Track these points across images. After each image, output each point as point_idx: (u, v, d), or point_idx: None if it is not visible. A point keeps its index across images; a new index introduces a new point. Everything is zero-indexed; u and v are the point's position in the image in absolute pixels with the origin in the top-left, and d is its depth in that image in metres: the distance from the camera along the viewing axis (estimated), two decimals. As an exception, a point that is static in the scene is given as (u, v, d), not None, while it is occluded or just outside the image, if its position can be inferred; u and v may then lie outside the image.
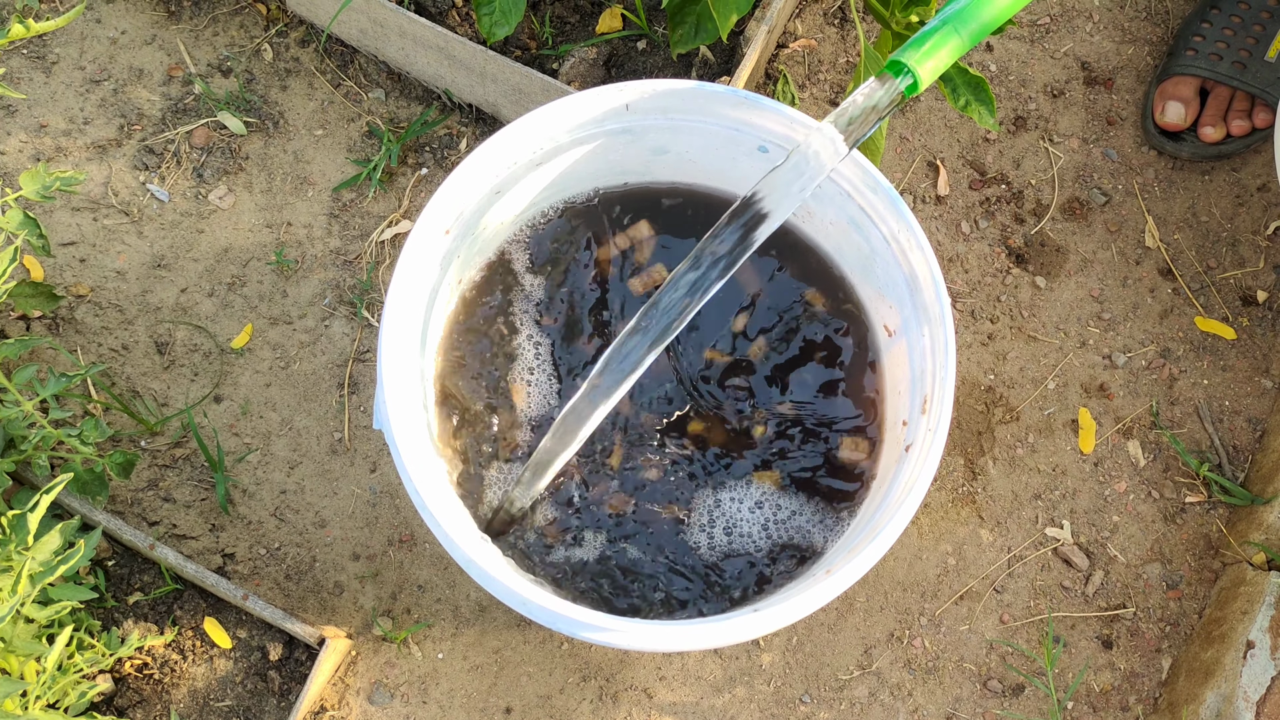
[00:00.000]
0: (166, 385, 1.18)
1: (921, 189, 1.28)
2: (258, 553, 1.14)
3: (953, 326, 0.90)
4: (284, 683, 1.07)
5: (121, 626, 1.06)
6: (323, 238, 1.23)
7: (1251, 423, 1.22)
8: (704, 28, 1.12)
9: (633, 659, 1.12)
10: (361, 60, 1.28)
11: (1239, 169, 1.31)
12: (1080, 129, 1.32)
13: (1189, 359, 1.24)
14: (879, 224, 0.95)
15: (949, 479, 1.19)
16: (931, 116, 1.31)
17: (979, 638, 1.15)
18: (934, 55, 0.80)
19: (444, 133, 1.27)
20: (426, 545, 1.15)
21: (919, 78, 0.80)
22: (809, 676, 1.13)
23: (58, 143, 1.25)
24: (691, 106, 0.97)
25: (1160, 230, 1.28)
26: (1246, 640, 1.08)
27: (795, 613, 0.83)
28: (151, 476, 1.15)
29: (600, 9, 1.25)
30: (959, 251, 1.26)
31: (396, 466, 0.86)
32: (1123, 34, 1.35)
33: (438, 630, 1.13)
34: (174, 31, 1.29)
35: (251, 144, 1.26)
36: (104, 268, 1.21)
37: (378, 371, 0.88)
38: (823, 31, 1.32)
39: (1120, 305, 1.26)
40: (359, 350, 1.20)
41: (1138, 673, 1.15)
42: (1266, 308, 1.26)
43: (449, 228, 0.94)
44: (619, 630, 0.81)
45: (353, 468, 1.17)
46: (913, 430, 0.92)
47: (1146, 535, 1.19)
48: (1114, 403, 1.22)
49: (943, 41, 0.80)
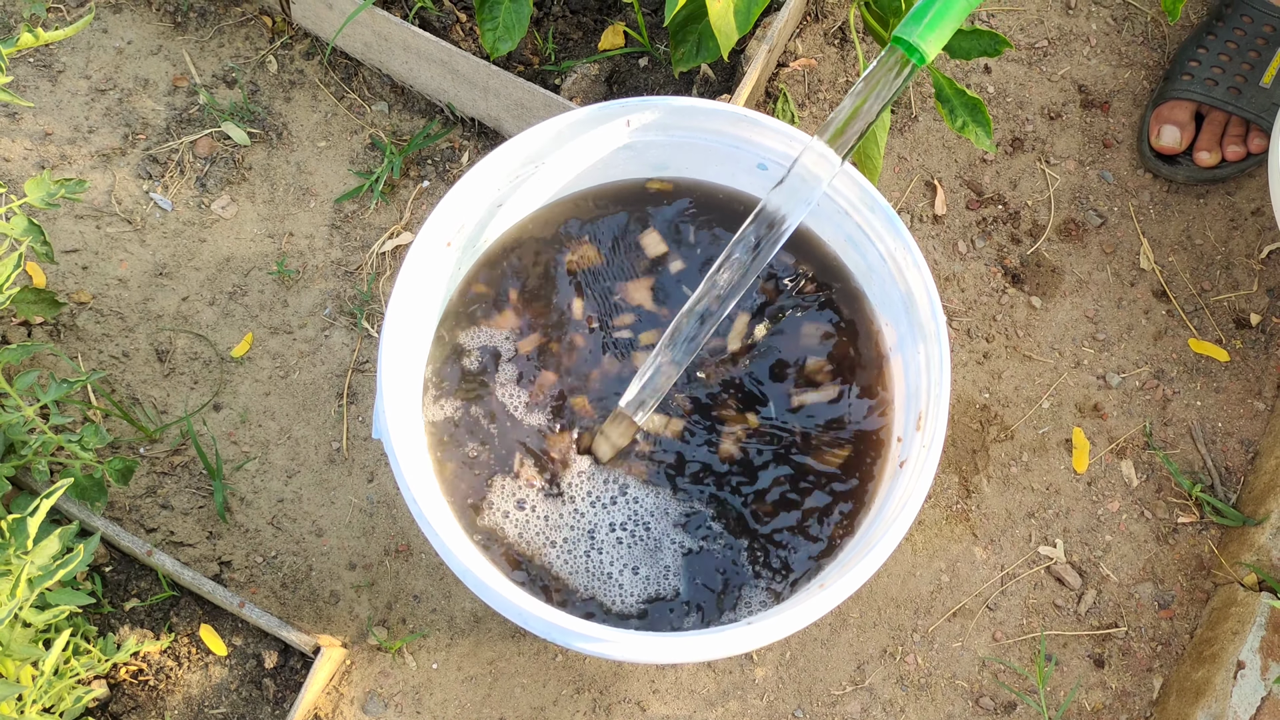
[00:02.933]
0: (166, 393, 1.19)
1: (919, 208, 1.29)
2: (254, 561, 1.14)
3: (948, 344, 0.91)
4: (279, 691, 1.07)
5: (118, 632, 1.07)
6: (324, 248, 1.24)
7: (1244, 444, 1.23)
8: (706, 46, 1.13)
9: (626, 671, 1.12)
10: (365, 73, 1.30)
11: (1234, 193, 1.32)
12: (1077, 151, 1.33)
13: (1182, 380, 1.25)
14: (876, 242, 0.96)
15: (943, 496, 1.19)
16: (929, 137, 1.32)
17: (971, 655, 1.15)
18: (938, 26, 0.77)
19: (446, 146, 1.28)
20: (422, 555, 1.15)
21: (924, 52, 0.78)
22: (802, 691, 1.13)
23: (62, 151, 1.25)
24: (692, 123, 0.98)
25: (1155, 252, 1.29)
26: (1237, 660, 1.09)
27: (788, 626, 0.84)
28: (150, 483, 1.16)
29: (603, 26, 1.27)
30: (955, 271, 1.27)
31: (395, 475, 0.87)
32: (1120, 58, 1.37)
33: (432, 640, 1.13)
34: (179, 42, 1.30)
35: (255, 154, 1.27)
36: (106, 275, 1.22)
37: (377, 380, 0.88)
38: (823, 51, 1.34)
39: (1115, 326, 1.27)
40: (358, 361, 1.21)
41: (1129, 692, 1.15)
42: (1260, 330, 1.27)
43: (450, 240, 0.95)
44: (612, 641, 0.82)
45: (350, 477, 1.17)
46: (907, 446, 0.93)
47: (1139, 555, 1.19)
48: (1108, 423, 1.23)
49: (945, 10, 0.78)
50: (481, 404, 0.98)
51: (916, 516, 1.09)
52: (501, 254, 1.03)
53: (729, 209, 1.03)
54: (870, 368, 1.00)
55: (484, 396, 0.99)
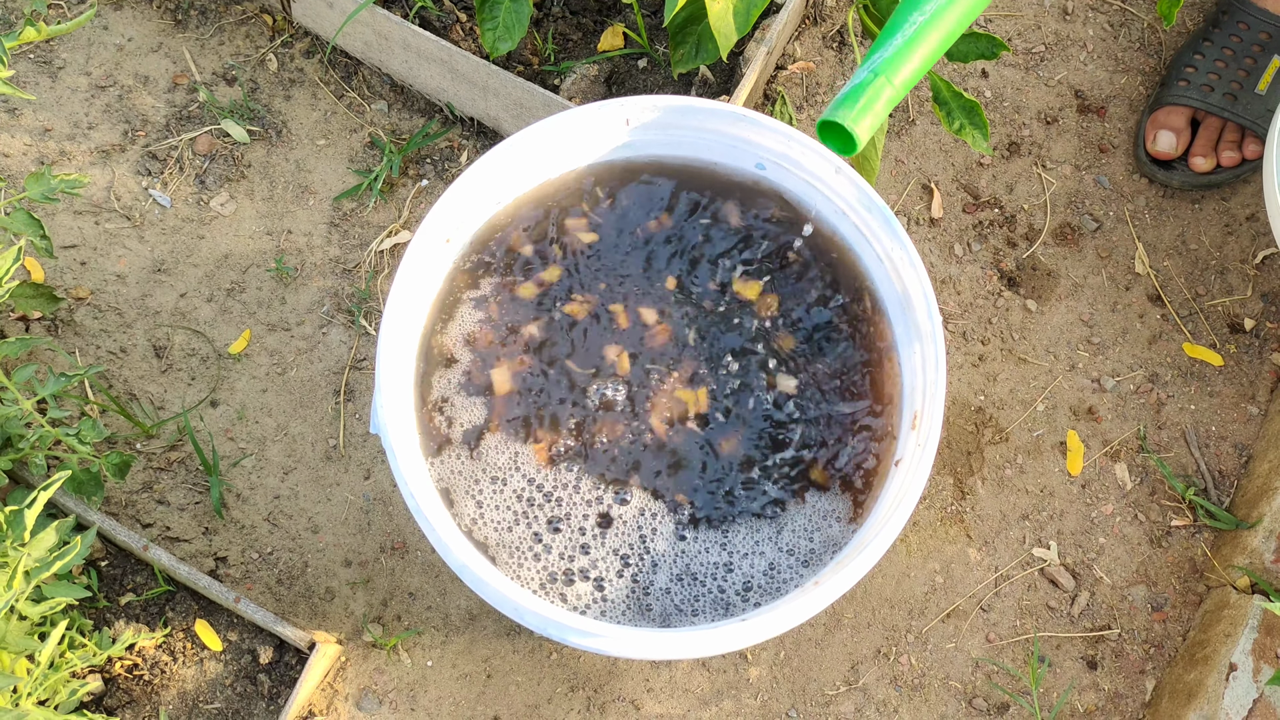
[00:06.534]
0: (163, 389, 1.19)
1: (915, 211, 1.30)
2: (250, 557, 1.15)
3: (944, 344, 0.91)
4: (273, 686, 1.07)
5: (113, 626, 1.07)
6: (322, 246, 1.24)
7: (1237, 448, 1.24)
8: (704, 48, 1.13)
9: (621, 670, 1.13)
10: (365, 72, 1.30)
11: (1228, 198, 1.32)
12: (1073, 156, 1.33)
13: (1177, 384, 1.26)
14: (873, 242, 0.97)
15: (938, 498, 1.20)
16: (926, 140, 1.32)
17: (965, 656, 1.16)
18: (869, 111, 0.75)
19: (445, 145, 1.28)
20: (418, 553, 1.15)
21: (856, 137, 0.77)
22: (796, 691, 1.13)
23: (61, 147, 1.26)
24: (690, 122, 0.98)
25: (1150, 257, 1.30)
26: (1229, 663, 1.09)
27: (783, 624, 0.84)
28: (146, 479, 1.16)
29: (602, 27, 1.27)
30: (951, 274, 1.28)
31: (391, 470, 0.87)
32: (1116, 63, 1.37)
33: (427, 638, 1.13)
34: (180, 40, 1.31)
35: (254, 152, 1.27)
36: (104, 271, 1.22)
37: (375, 376, 0.89)
38: (821, 55, 1.34)
39: (1110, 330, 1.27)
40: (356, 358, 1.21)
41: (1122, 694, 1.16)
42: (1253, 335, 1.28)
43: (449, 237, 0.96)
44: (606, 636, 0.82)
45: (347, 474, 1.17)
46: (902, 446, 0.93)
47: (1132, 557, 1.20)
48: (1102, 426, 1.24)
49: (877, 94, 0.76)
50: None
51: (911, 517, 1.10)
52: (493, 242, 1.03)
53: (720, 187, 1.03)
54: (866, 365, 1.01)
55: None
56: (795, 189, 1.00)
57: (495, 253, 1.03)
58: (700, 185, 1.02)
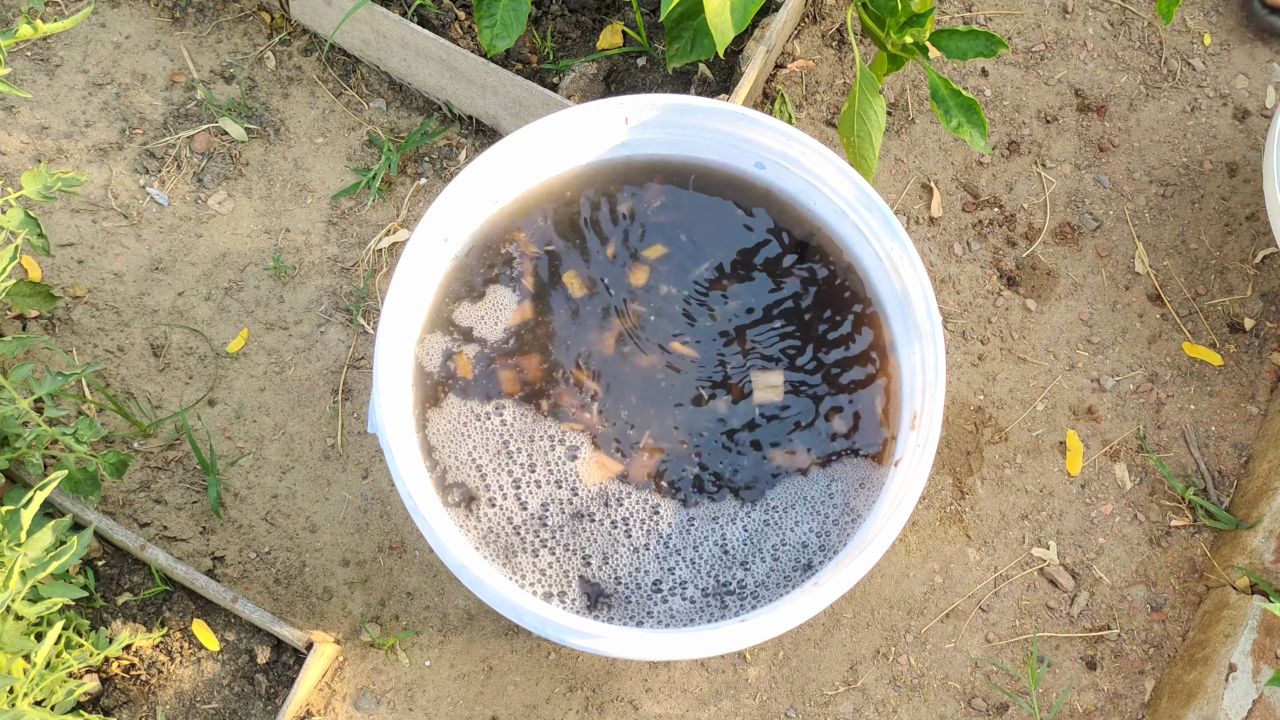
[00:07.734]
0: (161, 388, 1.19)
1: (915, 210, 1.29)
2: (248, 556, 1.14)
3: (943, 343, 0.91)
4: (271, 686, 1.07)
5: (110, 626, 1.06)
6: (320, 245, 1.24)
7: (1237, 448, 1.23)
8: (700, 43, 1.13)
9: (619, 670, 1.12)
10: (363, 70, 1.30)
11: (1228, 198, 1.32)
12: (1073, 155, 1.33)
13: (1176, 384, 1.25)
14: (873, 241, 0.96)
15: (937, 498, 1.20)
16: (926, 139, 1.32)
17: (964, 656, 1.15)
18: None
19: (444, 143, 1.28)
20: (417, 552, 1.15)
21: None
22: (795, 691, 1.13)
23: (59, 144, 1.25)
24: (690, 121, 0.98)
25: (1150, 256, 1.30)
26: (1229, 663, 1.09)
27: (782, 624, 0.84)
28: (144, 478, 1.16)
29: (601, 25, 1.27)
30: (951, 273, 1.27)
31: (390, 470, 0.87)
32: (1116, 62, 1.37)
33: (425, 638, 1.13)
34: (178, 38, 1.30)
35: (252, 150, 1.27)
36: (102, 269, 1.22)
37: (374, 375, 0.88)
38: (820, 53, 1.34)
39: (1109, 329, 1.27)
40: (354, 357, 1.20)
41: (1121, 694, 1.16)
42: (1253, 335, 1.28)
43: (448, 235, 0.95)
44: (605, 636, 0.82)
45: (345, 474, 1.17)
46: (901, 446, 0.93)
47: (1132, 557, 1.19)
48: (1101, 425, 1.23)
49: None
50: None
51: (910, 517, 1.10)
52: (495, 241, 1.03)
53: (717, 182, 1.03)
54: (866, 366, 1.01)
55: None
56: (795, 188, 1.00)
57: (494, 251, 1.02)
58: (700, 184, 1.02)
